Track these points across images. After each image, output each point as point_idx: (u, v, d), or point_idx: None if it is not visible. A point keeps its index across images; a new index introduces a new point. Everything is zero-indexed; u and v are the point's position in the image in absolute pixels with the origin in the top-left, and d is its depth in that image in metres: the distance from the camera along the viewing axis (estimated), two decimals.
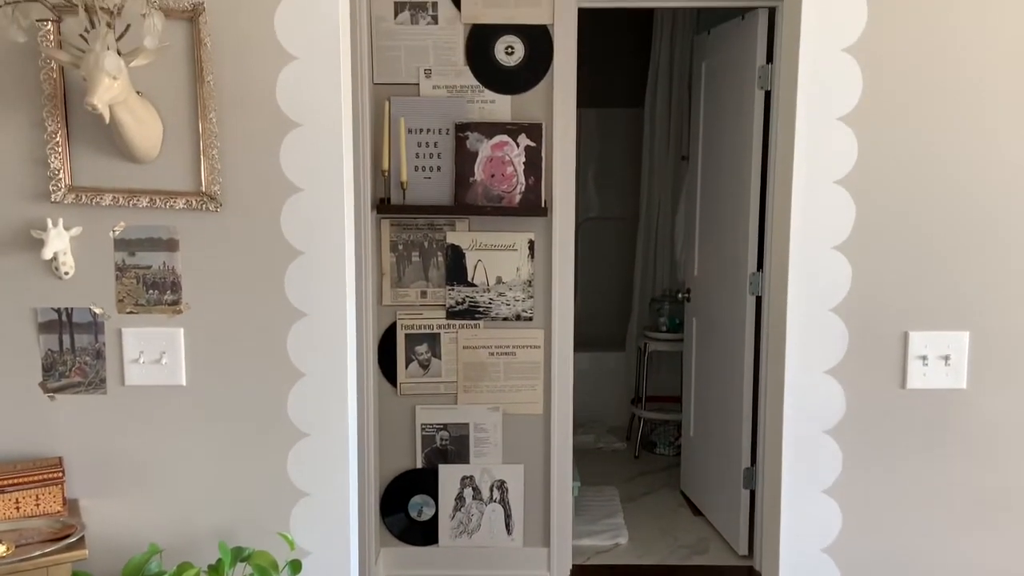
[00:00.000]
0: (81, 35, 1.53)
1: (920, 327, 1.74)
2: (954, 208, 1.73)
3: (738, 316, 3.25)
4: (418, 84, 3.07)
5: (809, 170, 1.72)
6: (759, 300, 3.17)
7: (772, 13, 3.05)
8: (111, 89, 1.54)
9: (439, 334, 3.12)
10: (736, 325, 3.27)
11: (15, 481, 1.71)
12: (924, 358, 1.72)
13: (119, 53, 1.54)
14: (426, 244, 3.12)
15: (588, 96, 3.50)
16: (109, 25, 1.53)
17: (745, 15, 3.18)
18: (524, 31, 3.05)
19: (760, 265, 3.15)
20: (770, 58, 3.07)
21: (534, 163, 3.06)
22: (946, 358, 1.71)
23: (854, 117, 1.71)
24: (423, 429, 3.13)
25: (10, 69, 1.70)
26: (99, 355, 1.77)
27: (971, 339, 1.73)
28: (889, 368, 1.75)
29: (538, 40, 3.06)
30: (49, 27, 1.66)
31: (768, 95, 3.09)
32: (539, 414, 3.10)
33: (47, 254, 1.68)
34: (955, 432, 1.77)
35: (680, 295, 3.89)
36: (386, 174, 3.03)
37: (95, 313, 1.77)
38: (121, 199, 1.74)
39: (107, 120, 1.58)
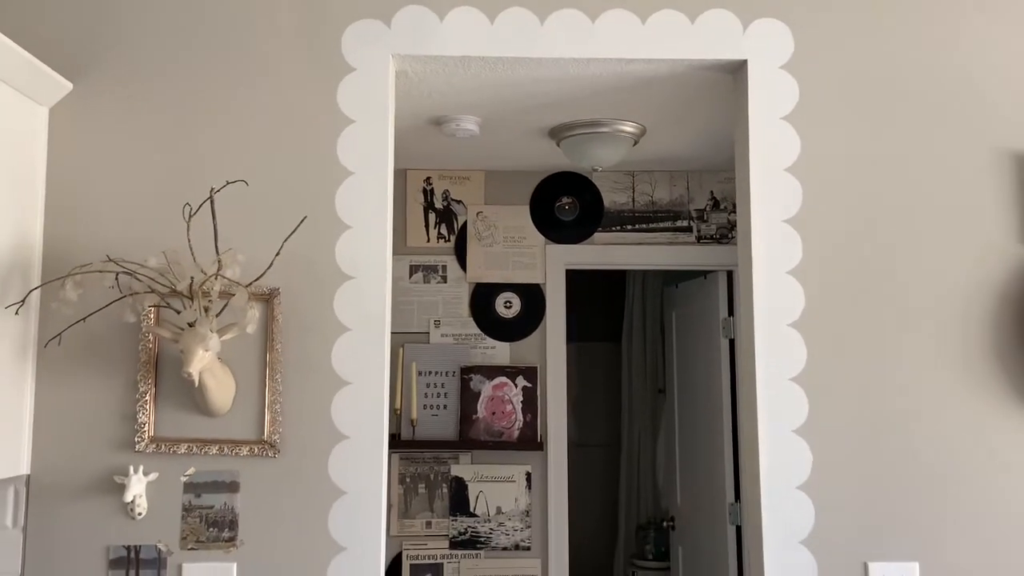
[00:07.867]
0: (189, 323, 1.91)
1: (878, 558, 2.03)
2: (902, 452, 2.07)
3: (720, 546, 3.47)
4: (428, 333, 3.50)
5: (771, 422, 2.09)
6: (739, 529, 3.41)
7: (730, 274, 3.59)
8: (203, 360, 1.90)
9: (442, 564, 3.30)
10: (719, 555, 3.48)
11: None
12: None
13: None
14: (432, 476, 3.39)
15: (570, 331, 3.93)
16: (206, 309, 1.92)
17: (707, 275, 3.71)
18: (520, 288, 3.54)
19: (738, 495, 3.43)
20: (731, 311, 3.56)
21: (530, 401, 3.42)
22: None
23: (803, 378, 2.11)
24: None
25: (115, 342, 2.06)
26: None
27: (920, 570, 2.02)
28: None
29: (532, 295, 3.55)
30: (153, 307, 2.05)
31: (733, 342, 3.54)
32: None
33: (128, 497, 1.95)
34: None
35: (665, 523, 4.11)
36: (398, 412, 3.36)
37: (160, 550, 2.00)
38: (195, 447, 2.04)
39: (195, 385, 1.92)
